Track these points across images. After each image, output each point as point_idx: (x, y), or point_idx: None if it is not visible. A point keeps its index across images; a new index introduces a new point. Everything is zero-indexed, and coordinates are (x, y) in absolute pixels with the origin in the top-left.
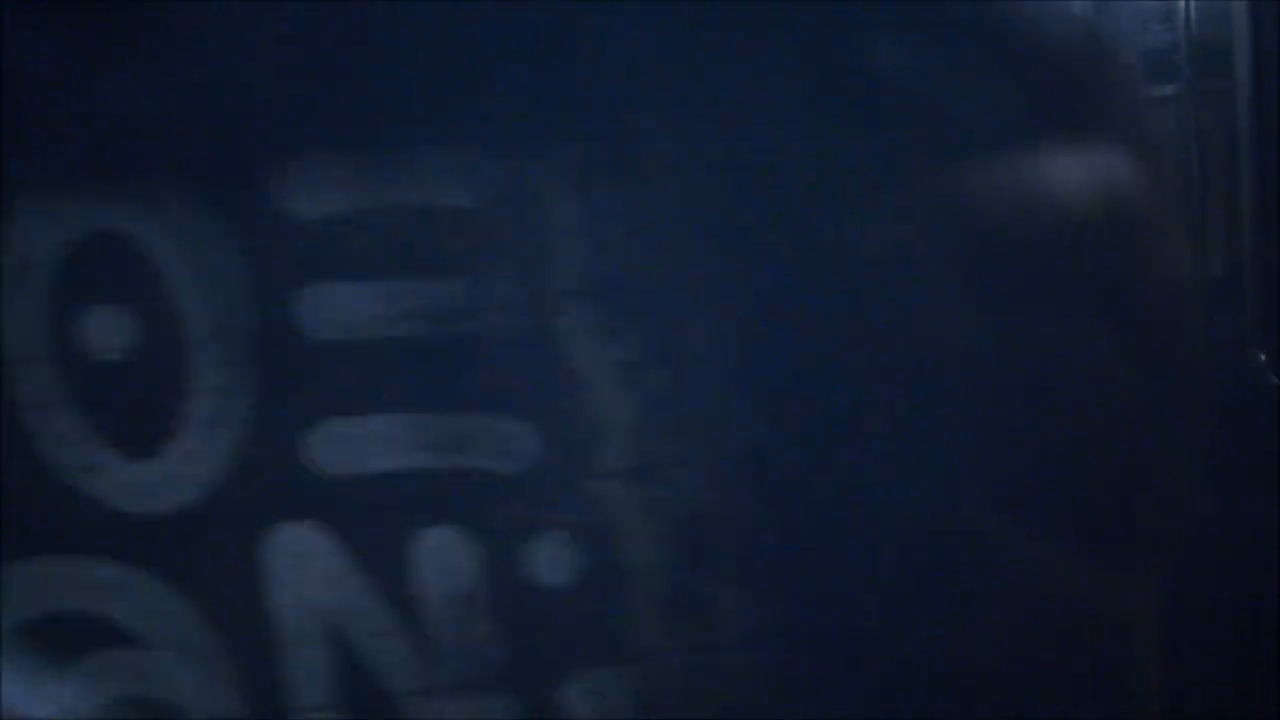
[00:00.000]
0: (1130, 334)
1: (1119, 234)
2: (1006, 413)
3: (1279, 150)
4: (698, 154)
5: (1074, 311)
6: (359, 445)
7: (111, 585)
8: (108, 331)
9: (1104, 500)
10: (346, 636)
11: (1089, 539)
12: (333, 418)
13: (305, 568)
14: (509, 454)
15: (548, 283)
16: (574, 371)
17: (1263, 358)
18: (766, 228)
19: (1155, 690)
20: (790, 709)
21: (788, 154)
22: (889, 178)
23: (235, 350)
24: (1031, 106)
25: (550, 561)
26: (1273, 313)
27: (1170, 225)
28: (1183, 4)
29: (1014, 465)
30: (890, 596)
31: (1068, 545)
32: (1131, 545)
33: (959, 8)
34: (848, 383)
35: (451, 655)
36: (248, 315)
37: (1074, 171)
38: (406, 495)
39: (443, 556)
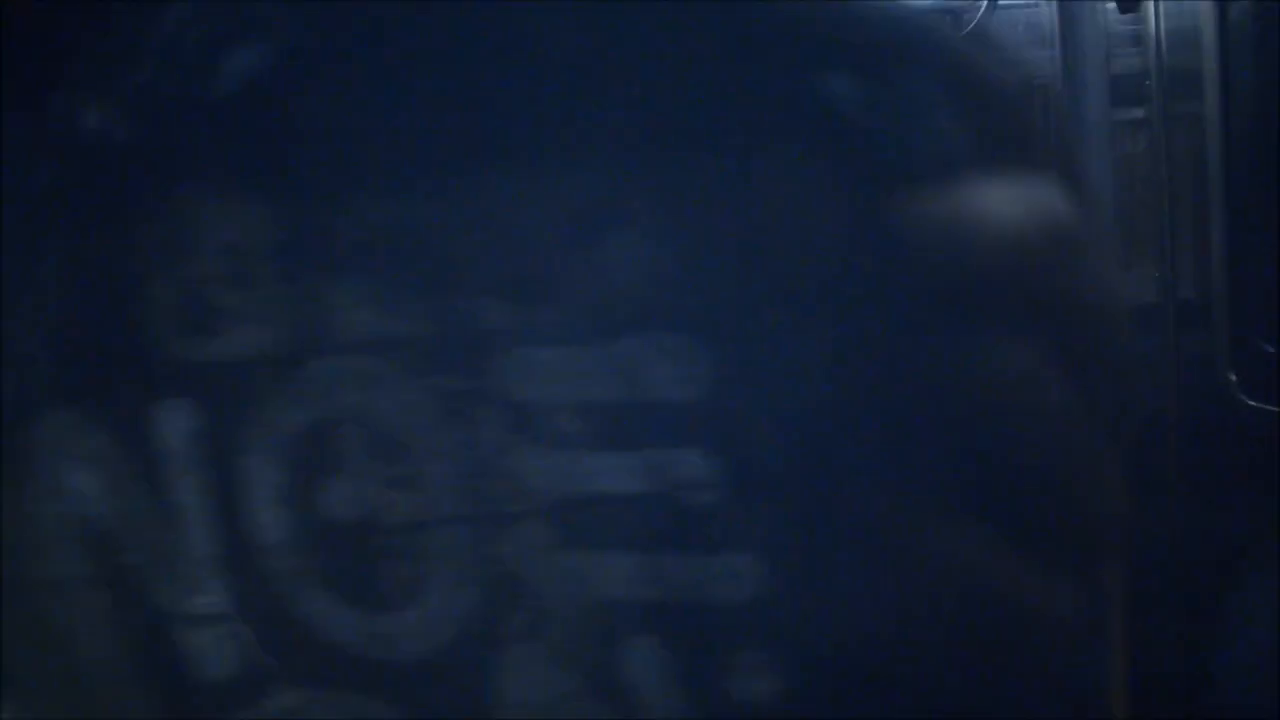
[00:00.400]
0: (1101, 356)
1: (1069, 259)
2: (967, 433)
3: (1248, 174)
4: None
5: (1037, 334)
6: None
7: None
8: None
9: (1073, 518)
10: None
11: (1054, 556)
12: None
13: None
14: None
15: None
16: None
17: (1233, 378)
18: (706, 255)
19: (1123, 694)
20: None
21: (739, 183)
22: (851, 206)
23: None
24: (977, 139)
25: None
26: (1242, 333)
27: (1126, 249)
28: (1153, 30)
29: (976, 486)
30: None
31: (1032, 561)
32: (1098, 561)
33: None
34: (825, 406)
35: None
36: None
37: (1020, 199)
38: None
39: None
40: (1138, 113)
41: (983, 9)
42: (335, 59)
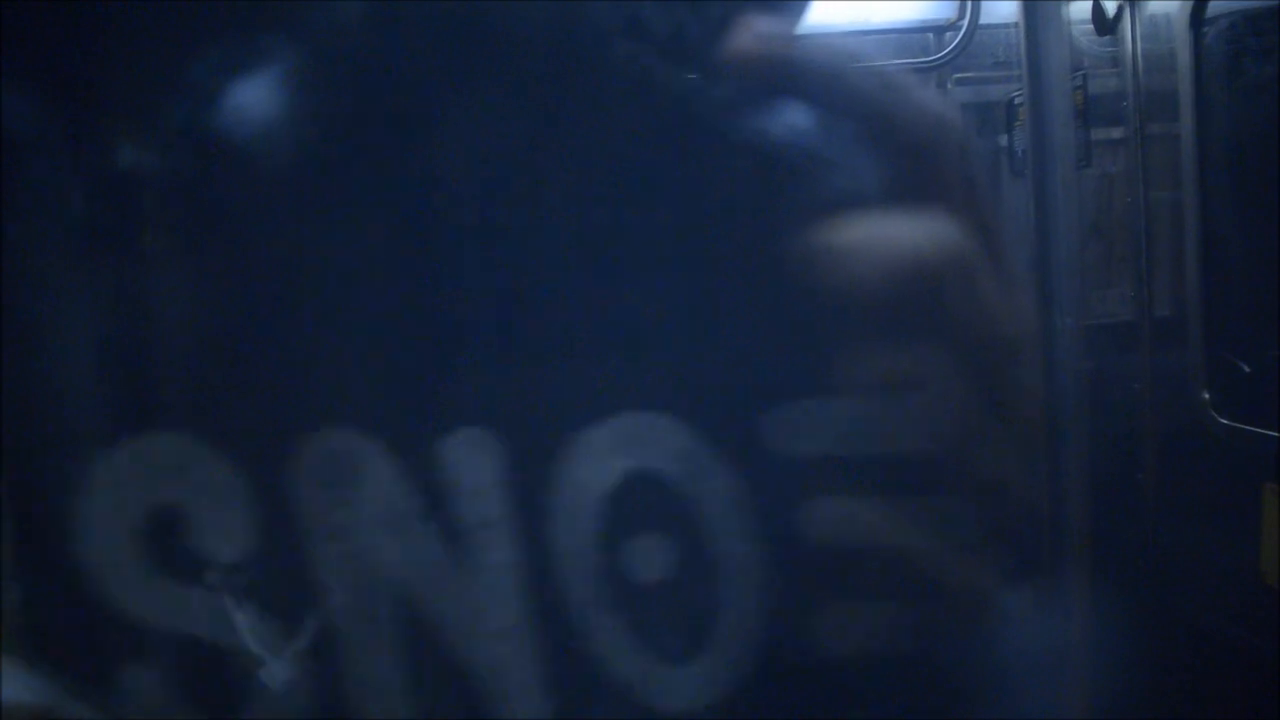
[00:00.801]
0: (1074, 375)
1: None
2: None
3: (1223, 193)
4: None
5: (943, 356)
6: None
7: None
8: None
9: (1051, 533)
10: None
11: (1029, 569)
12: None
13: None
14: None
15: None
16: None
17: (1206, 396)
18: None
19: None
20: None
21: (664, 218)
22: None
23: None
24: (883, 175)
25: None
26: (1217, 352)
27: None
28: (1130, 52)
29: (953, 501)
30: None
31: (1006, 573)
32: (1076, 576)
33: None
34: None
35: None
36: None
37: (922, 232)
38: None
39: None
40: (1115, 133)
41: (963, 32)
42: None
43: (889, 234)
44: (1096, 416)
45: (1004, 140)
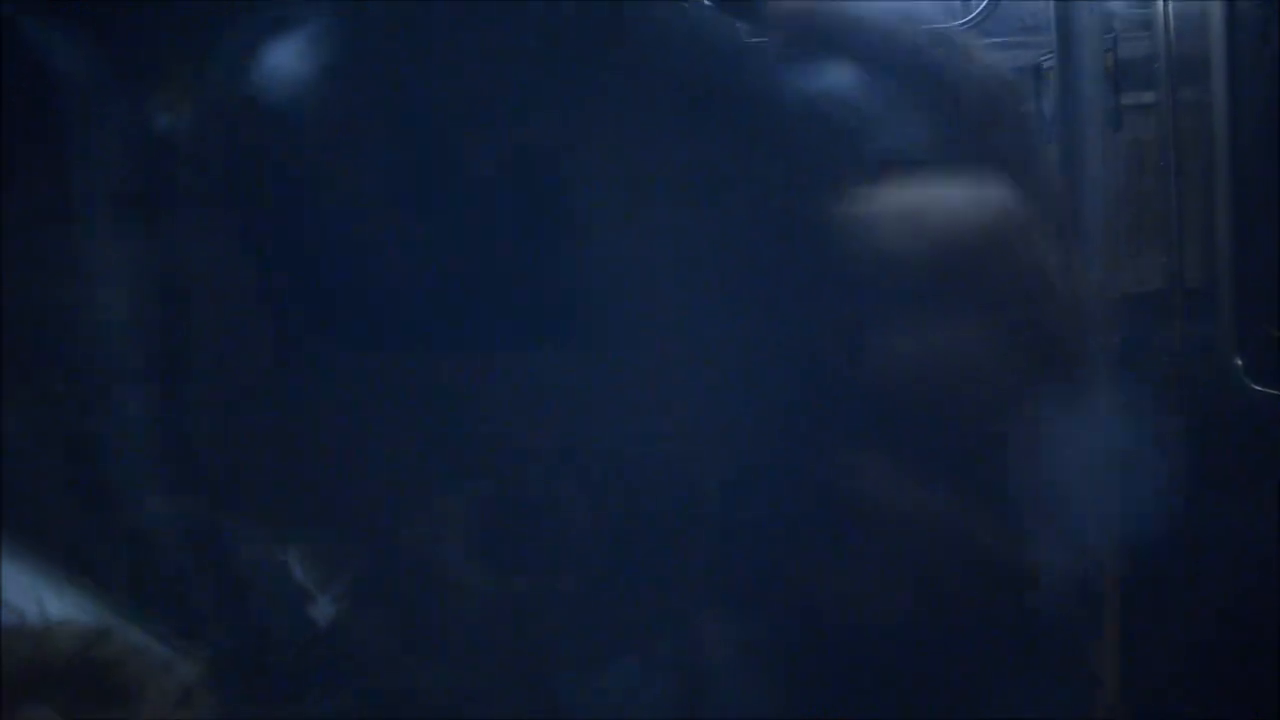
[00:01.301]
0: (1067, 345)
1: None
2: (977, 421)
3: (1255, 159)
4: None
5: (999, 326)
6: None
7: None
8: None
9: (1082, 503)
10: None
11: (1061, 541)
12: None
13: None
14: None
15: None
16: None
17: (1239, 363)
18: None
19: (1123, 686)
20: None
21: (700, 178)
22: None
23: None
24: (939, 138)
25: None
26: (1248, 319)
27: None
28: (1162, 14)
29: (981, 470)
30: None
31: (1037, 547)
32: (1106, 547)
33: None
34: (798, 403)
35: None
36: None
37: (977, 197)
38: None
39: None
40: (1146, 98)
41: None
42: None
43: (944, 198)
44: (1128, 384)
45: (1032, 106)
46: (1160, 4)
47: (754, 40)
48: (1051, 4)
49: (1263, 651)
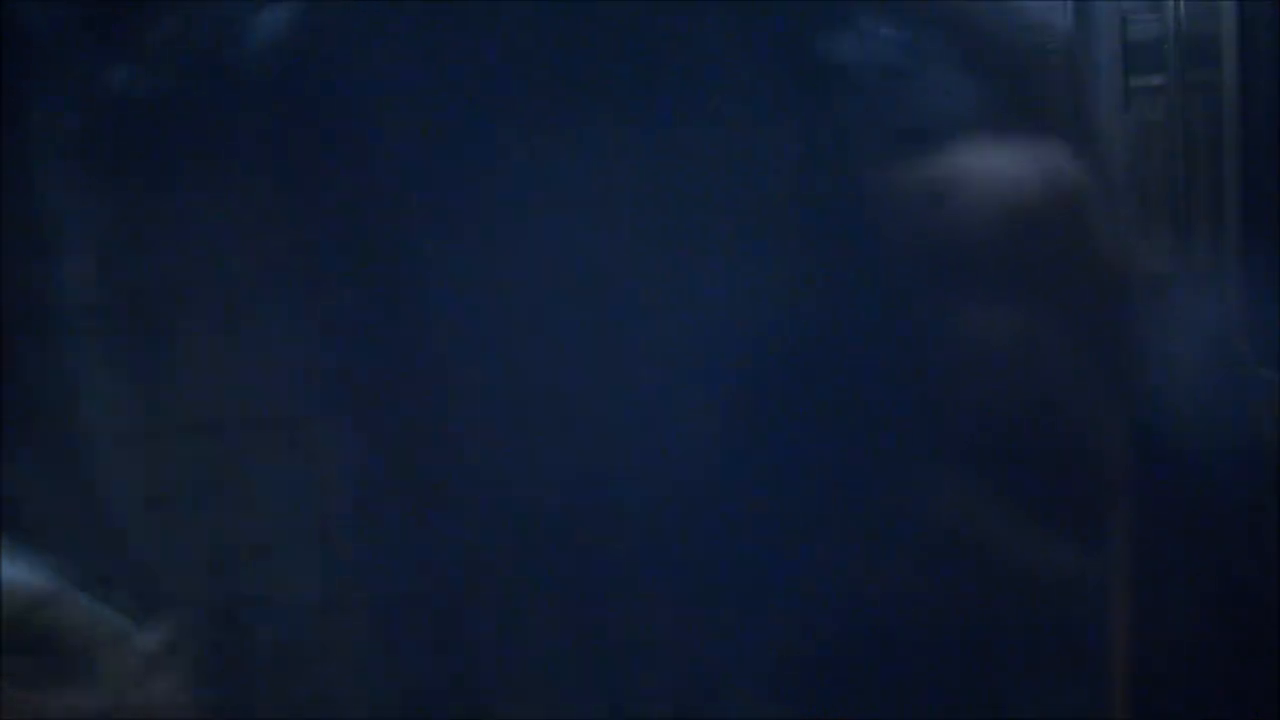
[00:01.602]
0: (1114, 322)
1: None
2: (973, 400)
3: (1265, 142)
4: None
5: (1046, 299)
6: None
7: None
8: None
9: (1085, 491)
10: None
11: (1066, 530)
12: None
13: None
14: None
15: None
16: None
17: (1246, 347)
18: (733, 219)
19: (1126, 675)
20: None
21: (745, 147)
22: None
23: None
24: (992, 101)
25: None
26: (1255, 304)
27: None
28: None
29: (988, 460)
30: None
31: (1037, 532)
32: (1111, 535)
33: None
34: (828, 380)
35: None
36: None
37: (1035, 164)
38: None
39: None
40: (1155, 79)
41: None
42: None
43: (999, 169)
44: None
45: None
46: None
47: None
48: None
49: (1265, 647)
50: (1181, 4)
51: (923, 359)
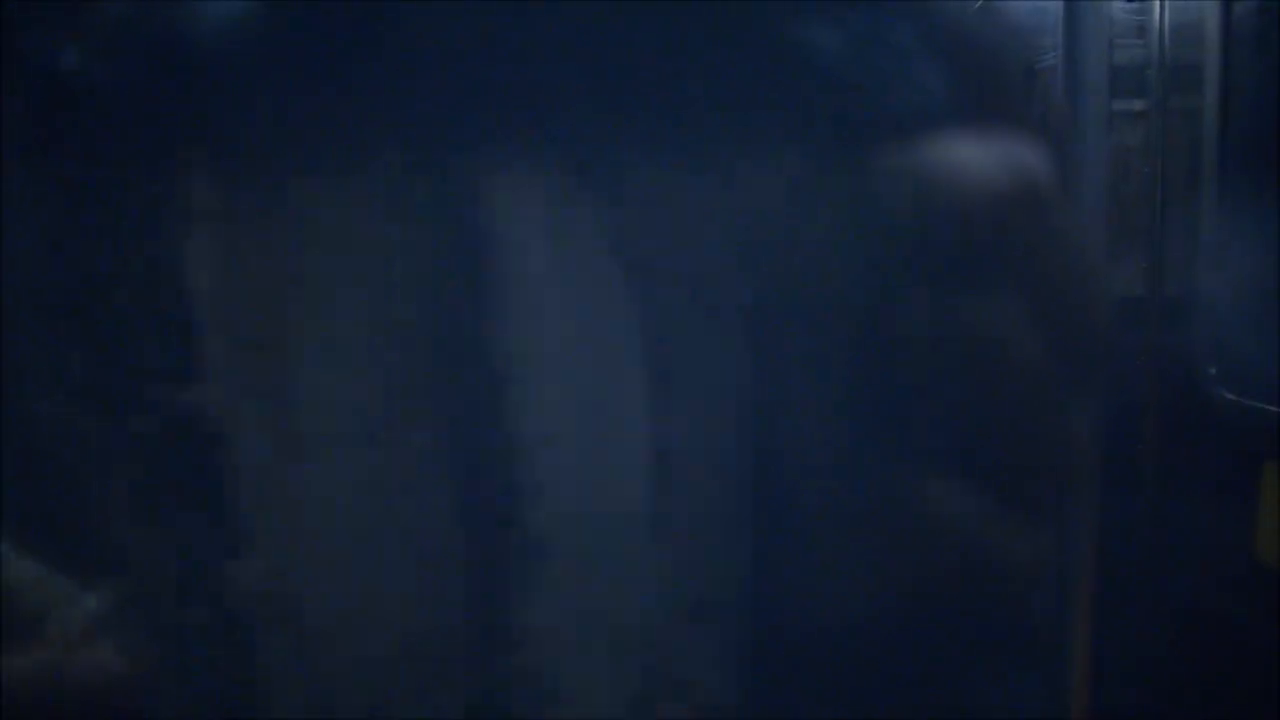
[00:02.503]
0: (1082, 335)
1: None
2: (947, 398)
3: (1241, 169)
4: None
5: (1021, 307)
6: None
7: None
8: None
9: (1055, 509)
10: None
11: (1023, 527)
12: None
13: None
14: None
15: None
16: None
17: (1213, 371)
18: (708, 218)
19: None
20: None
21: (724, 146)
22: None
23: None
24: (974, 115)
25: None
26: (1224, 328)
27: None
28: (1157, 21)
29: (951, 455)
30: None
31: (1002, 532)
32: (1080, 551)
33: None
34: (810, 375)
35: None
36: None
37: (1013, 176)
38: None
39: None
40: (1137, 104)
41: None
42: None
43: (969, 162)
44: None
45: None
46: (1156, 10)
47: None
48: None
49: (1229, 654)
50: (1166, 30)
51: (890, 351)
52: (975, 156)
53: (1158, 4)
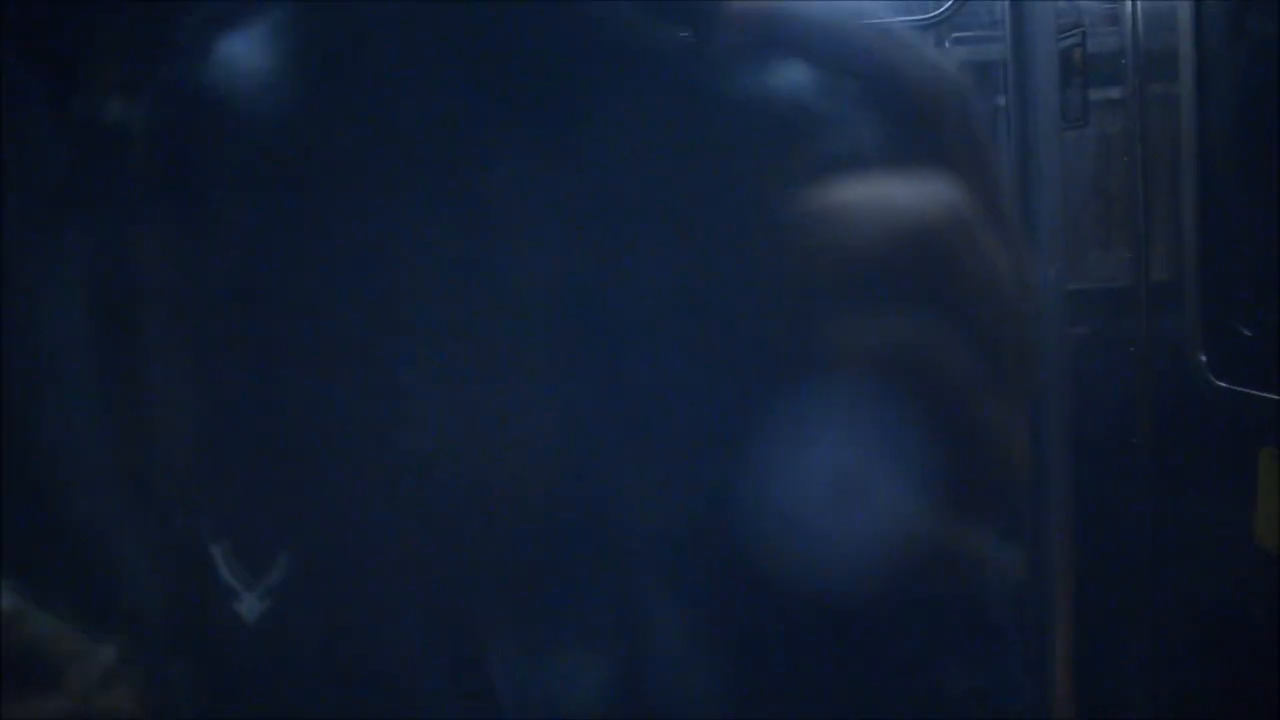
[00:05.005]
0: (1010, 340)
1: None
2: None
3: (1222, 155)
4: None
5: (943, 318)
6: None
7: None
8: None
9: (988, 497)
10: None
11: (1011, 536)
12: None
13: None
14: None
15: None
16: None
17: (1203, 359)
18: (647, 245)
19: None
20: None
21: (662, 180)
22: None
23: None
24: (887, 135)
25: None
26: (1214, 314)
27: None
28: (1130, 9)
29: (942, 466)
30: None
31: (999, 537)
32: (1070, 539)
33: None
34: (757, 392)
35: None
36: None
37: (925, 193)
38: None
39: None
40: (1114, 93)
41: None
42: None
43: (892, 196)
44: (1093, 379)
45: (1001, 100)
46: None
47: (702, 40)
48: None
49: (1224, 645)
50: (1140, 19)
51: (823, 372)
52: (891, 184)
53: None
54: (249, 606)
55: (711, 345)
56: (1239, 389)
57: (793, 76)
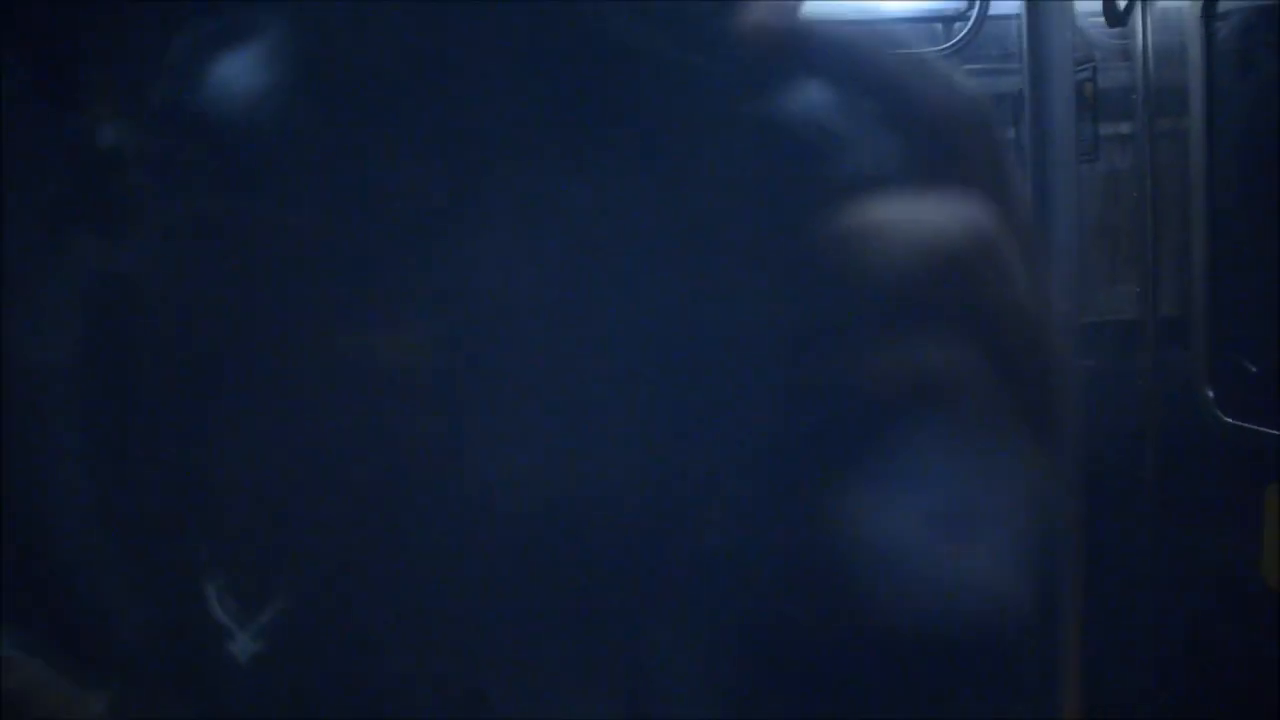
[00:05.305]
0: (1037, 367)
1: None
2: (907, 439)
3: (1231, 190)
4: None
5: (968, 345)
6: None
7: None
8: None
9: (1017, 525)
10: None
11: (1000, 565)
12: None
13: None
14: None
15: None
16: None
17: (1210, 394)
18: (661, 263)
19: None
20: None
21: (675, 194)
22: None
23: None
24: (914, 159)
25: None
26: (1222, 350)
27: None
28: (1141, 45)
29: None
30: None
31: (980, 570)
32: (1048, 568)
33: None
34: (776, 416)
35: None
36: None
37: (951, 218)
38: None
39: None
40: (1124, 128)
41: (971, 22)
42: None
43: (919, 217)
44: (1100, 413)
45: (1012, 132)
46: (1140, 35)
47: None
48: (1024, 35)
49: (1229, 678)
50: (1150, 54)
51: (842, 394)
52: (916, 209)
53: (1141, 27)
54: (243, 646)
55: (733, 366)
56: (1246, 425)
57: (823, 98)
